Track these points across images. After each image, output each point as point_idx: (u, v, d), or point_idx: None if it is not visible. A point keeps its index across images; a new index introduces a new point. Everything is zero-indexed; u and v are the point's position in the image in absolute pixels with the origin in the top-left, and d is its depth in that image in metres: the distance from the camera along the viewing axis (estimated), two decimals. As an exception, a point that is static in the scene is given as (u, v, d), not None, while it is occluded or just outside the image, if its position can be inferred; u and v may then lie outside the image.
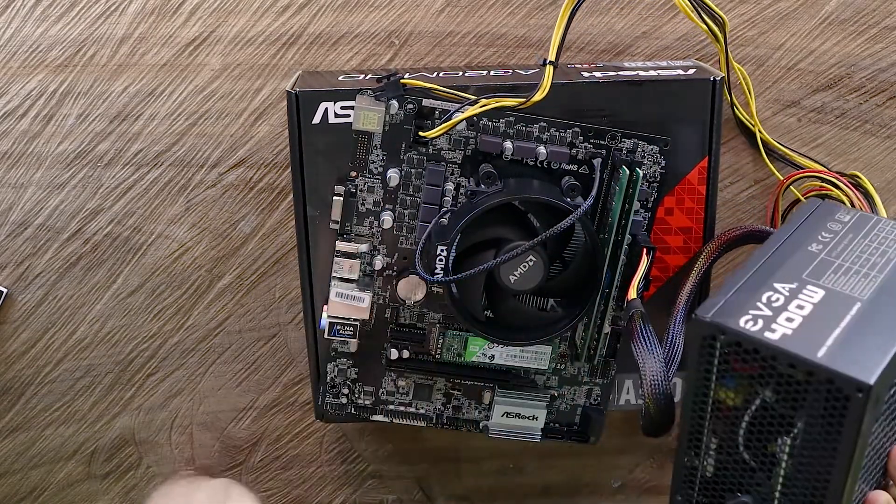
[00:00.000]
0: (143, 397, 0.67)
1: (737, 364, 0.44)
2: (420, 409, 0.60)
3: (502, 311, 0.56)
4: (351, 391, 0.59)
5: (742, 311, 0.44)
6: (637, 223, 0.54)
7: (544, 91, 0.50)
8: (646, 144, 0.54)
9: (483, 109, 0.50)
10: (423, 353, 0.58)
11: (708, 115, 0.55)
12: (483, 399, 0.59)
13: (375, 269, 0.56)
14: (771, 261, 0.47)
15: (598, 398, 0.60)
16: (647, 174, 0.54)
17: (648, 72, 0.56)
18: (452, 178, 0.54)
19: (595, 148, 0.54)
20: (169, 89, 0.61)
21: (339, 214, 0.55)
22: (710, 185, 0.57)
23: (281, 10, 0.60)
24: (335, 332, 0.56)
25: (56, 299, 0.65)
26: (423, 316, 0.58)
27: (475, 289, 0.55)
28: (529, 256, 0.52)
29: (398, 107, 0.52)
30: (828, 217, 0.50)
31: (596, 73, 0.56)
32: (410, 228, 0.55)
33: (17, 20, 0.60)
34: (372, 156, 0.54)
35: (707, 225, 0.58)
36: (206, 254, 0.64)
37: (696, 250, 0.58)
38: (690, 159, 0.56)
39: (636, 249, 0.54)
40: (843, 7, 0.61)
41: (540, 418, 0.59)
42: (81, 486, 0.69)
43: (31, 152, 0.62)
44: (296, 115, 0.55)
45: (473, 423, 0.60)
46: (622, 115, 0.55)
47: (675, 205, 0.57)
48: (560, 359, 0.59)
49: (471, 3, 0.61)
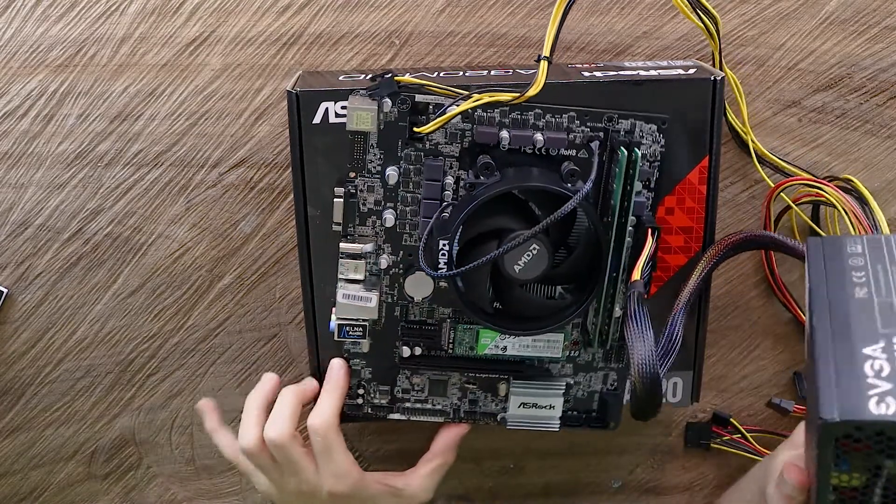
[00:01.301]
0: (143, 397, 0.67)
1: (850, 445, 0.40)
2: (437, 405, 0.60)
3: (510, 302, 0.56)
4: (366, 391, 0.59)
5: (861, 395, 0.40)
6: (640, 204, 0.53)
7: (538, 86, 0.50)
8: (643, 123, 0.53)
9: (477, 104, 0.50)
10: (435, 348, 0.58)
11: (708, 115, 0.55)
12: (499, 391, 0.59)
13: (381, 269, 0.56)
14: (834, 327, 0.44)
15: (615, 383, 0.60)
16: (647, 154, 0.54)
17: (649, 71, 0.56)
18: (451, 172, 0.54)
19: (592, 131, 0.53)
20: (169, 89, 0.61)
21: (340, 216, 0.55)
22: (710, 185, 0.57)
23: (281, 10, 0.60)
24: (344, 333, 0.56)
25: (56, 299, 0.65)
26: (432, 312, 0.57)
27: (481, 281, 0.55)
28: (532, 245, 0.51)
29: (391, 105, 0.52)
30: (842, 254, 0.48)
31: (596, 72, 0.56)
32: (413, 225, 0.55)
33: (17, 20, 0.60)
34: (369, 155, 0.54)
35: (708, 224, 0.58)
36: (206, 254, 0.64)
37: (696, 250, 0.58)
38: (691, 159, 0.56)
39: (641, 230, 0.53)
40: (843, 7, 0.61)
41: (557, 407, 0.59)
42: (82, 487, 0.69)
43: (31, 152, 0.62)
44: (296, 115, 0.55)
45: (491, 415, 0.60)
46: (623, 115, 0.55)
47: (675, 204, 0.57)
48: (573, 346, 0.58)
49: (471, 3, 0.61)
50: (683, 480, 0.71)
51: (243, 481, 0.70)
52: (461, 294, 0.55)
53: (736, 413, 0.68)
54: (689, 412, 0.68)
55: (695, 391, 0.62)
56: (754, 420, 0.68)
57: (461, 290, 0.55)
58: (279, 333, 0.66)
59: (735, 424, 0.67)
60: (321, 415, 0.57)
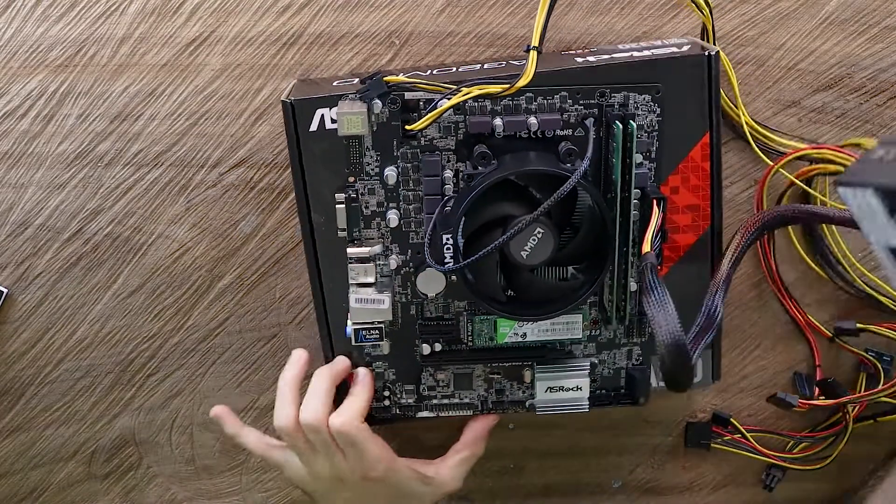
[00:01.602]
0: (143, 397, 0.67)
1: None
2: (464, 399, 0.60)
3: (521, 288, 0.56)
4: (392, 392, 0.60)
5: None
6: (642, 175, 0.53)
7: (528, 77, 0.49)
8: (637, 95, 0.53)
9: (466, 97, 0.50)
10: (455, 342, 0.58)
11: (706, 91, 0.54)
12: (524, 378, 0.59)
13: (392, 269, 0.56)
14: None
15: (640, 357, 0.59)
16: (644, 124, 0.53)
17: (643, 52, 0.55)
18: (449, 166, 0.54)
19: (586, 108, 0.53)
20: (169, 89, 0.61)
21: (344, 222, 0.55)
22: (713, 161, 0.56)
23: (281, 10, 0.60)
24: (361, 337, 0.56)
25: (56, 299, 0.65)
26: (447, 307, 0.58)
27: (489, 271, 0.55)
28: (537, 229, 0.51)
29: (382, 105, 0.52)
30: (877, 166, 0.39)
31: (590, 57, 0.55)
32: (418, 223, 0.55)
33: (17, 20, 0.60)
34: (366, 158, 0.54)
35: (714, 200, 0.57)
36: (206, 254, 0.64)
37: (705, 228, 0.57)
38: (692, 136, 0.55)
39: (647, 202, 0.53)
40: (843, 7, 0.61)
41: (584, 388, 0.58)
42: (82, 487, 0.69)
43: (31, 152, 0.62)
44: (293, 124, 0.54)
45: (519, 403, 0.60)
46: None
47: (680, 183, 0.56)
48: (593, 325, 0.58)
49: (471, 3, 0.61)
50: (683, 480, 0.71)
51: (243, 481, 0.70)
52: (471, 286, 0.54)
53: (736, 413, 0.68)
54: (688, 412, 0.68)
55: (715, 370, 0.62)
56: (754, 420, 0.68)
57: (471, 281, 0.54)
58: (279, 333, 0.66)
59: (735, 424, 0.67)
60: (340, 414, 0.56)
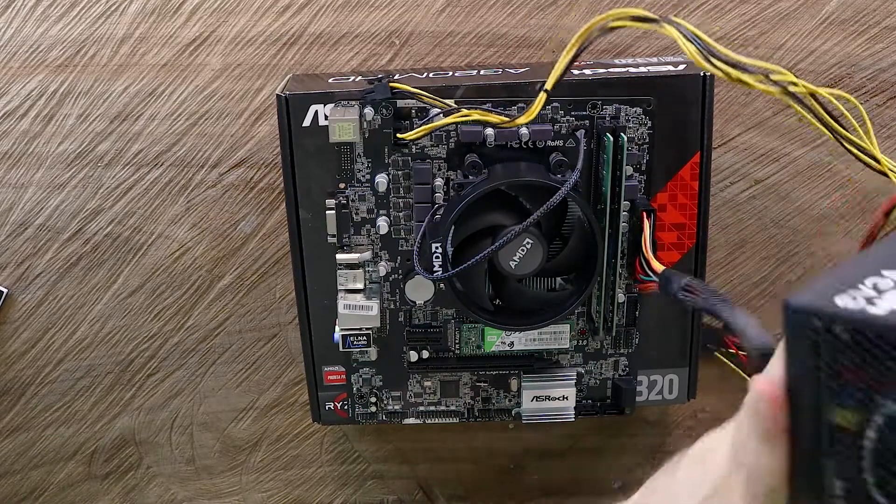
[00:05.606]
0: (143, 397, 0.67)
1: (848, 373, 0.32)
2: (450, 406, 0.60)
3: (509, 297, 0.56)
4: (379, 398, 0.60)
5: (839, 290, 0.32)
6: (632, 188, 0.53)
7: (530, 116, 0.50)
8: (628, 107, 0.53)
9: (462, 120, 0.51)
10: (442, 350, 0.58)
11: (699, 111, 0.55)
12: (511, 387, 0.59)
13: (381, 276, 0.56)
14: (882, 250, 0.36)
15: (626, 368, 0.60)
16: (635, 137, 0.54)
17: (639, 68, 0.56)
18: (440, 174, 0.54)
19: (577, 120, 0.53)
20: (169, 89, 0.61)
21: (334, 228, 0.55)
22: (702, 181, 0.56)
23: (281, 10, 0.60)
24: (349, 343, 0.56)
25: (56, 299, 0.65)
26: (436, 314, 0.58)
27: (478, 280, 0.55)
28: (526, 239, 0.51)
29: (374, 113, 0.52)
30: None
31: (586, 70, 0.55)
32: (408, 230, 0.55)
33: (17, 20, 0.60)
34: (357, 164, 0.54)
35: (700, 221, 0.57)
36: (206, 254, 0.64)
37: (689, 246, 0.57)
38: (683, 155, 0.56)
39: (636, 214, 0.53)
40: (843, 7, 0.61)
41: (570, 397, 0.58)
42: (82, 487, 0.69)
43: (31, 152, 0.62)
44: (286, 119, 0.54)
45: (505, 412, 0.60)
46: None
47: (668, 201, 0.57)
48: (581, 335, 0.58)
49: (471, 3, 0.61)
50: (683, 480, 0.70)
51: (243, 481, 0.70)
52: (459, 294, 0.55)
53: (736, 413, 0.68)
54: (688, 412, 0.68)
55: (691, 388, 0.62)
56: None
57: (459, 290, 0.55)
58: (279, 333, 0.66)
59: None
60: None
